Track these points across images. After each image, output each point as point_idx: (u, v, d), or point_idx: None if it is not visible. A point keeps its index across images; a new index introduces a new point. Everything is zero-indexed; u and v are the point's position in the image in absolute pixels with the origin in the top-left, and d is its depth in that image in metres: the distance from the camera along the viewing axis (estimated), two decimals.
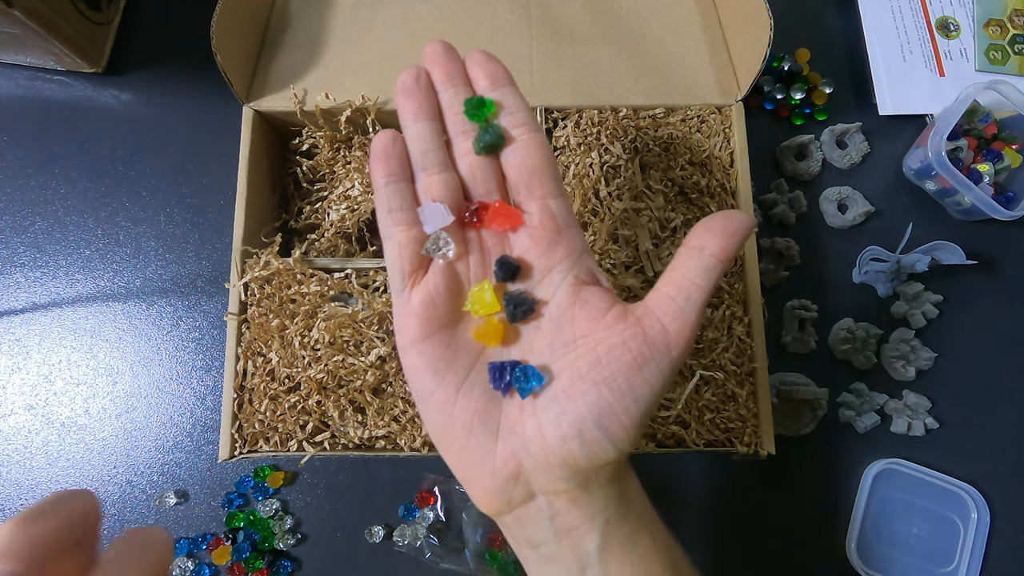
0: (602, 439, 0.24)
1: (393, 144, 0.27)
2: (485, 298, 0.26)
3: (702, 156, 0.45)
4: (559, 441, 0.24)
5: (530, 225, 0.27)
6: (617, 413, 0.24)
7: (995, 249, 0.53)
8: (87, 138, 0.54)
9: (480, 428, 0.26)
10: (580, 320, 0.26)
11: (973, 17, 0.58)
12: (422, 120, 0.28)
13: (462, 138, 0.28)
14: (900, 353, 0.50)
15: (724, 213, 0.26)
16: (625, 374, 0.24)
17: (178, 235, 0.52)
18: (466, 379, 0.26)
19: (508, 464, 0.25)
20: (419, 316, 0.26)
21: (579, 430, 0.24)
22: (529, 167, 0.27)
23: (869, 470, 0.48)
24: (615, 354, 0.25)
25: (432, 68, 0.28)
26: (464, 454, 0.26)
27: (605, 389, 0.24)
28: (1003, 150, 0.52)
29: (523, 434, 0.25)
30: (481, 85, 0.28)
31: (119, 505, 0.48)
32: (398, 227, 0.27)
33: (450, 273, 0.27)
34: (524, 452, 0.25)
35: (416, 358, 0.26)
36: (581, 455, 0.24)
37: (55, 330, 0.51)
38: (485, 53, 0.28)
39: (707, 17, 0.48)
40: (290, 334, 0.41)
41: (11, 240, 0.52)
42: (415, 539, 0.46)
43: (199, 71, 0.55)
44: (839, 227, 0.54)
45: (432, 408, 0.26)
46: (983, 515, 0.48)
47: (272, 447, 0.40)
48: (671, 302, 0.25)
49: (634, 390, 0.24)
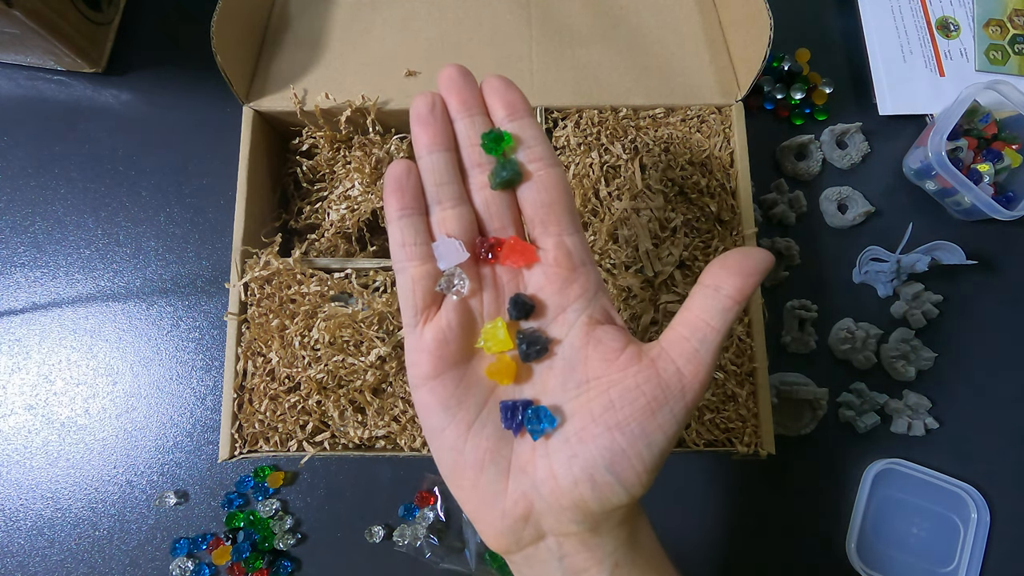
0: (614, 484, 0.24)
1: (407, 176, 0.27)
2: (498, 335, 0.26)
3: (702, 156, 0.45)
4: (570, 484, 0.24)
5: (545, 262, 0.27)
6: (630, 459, 0.24)
7: (995, 249, 0.53)
8: (87, 138, 0.54)
9: (491, 467, 0.25)
10: (593, 360, 0.26)
11: (973, 17, 0.58)
12: (437, 151, 0.27)
13: (478, 171, 0.27)
14: (900, 353, 0.50)
15: (741, 251, 0.25)
16: (639, 419, 0.24)
17: (178, 235, 0.52)
18: (478, 417, 0.26)
19: (519, 505, 0.25)
20: (431, 353, 0.26)
21: (591, 474, 0.24)
22: (546, 203, 0.26)
23: (869, 470, 0.48)
24: (628, 398, 0.24)
25: (448, 95, 0.27)
26: (475, 492, 0.26)
27: (618, 434, 0.24)
28: (1003, 150, 0.52)
29: (534, 475, 0.25)
30: (499, 115, 0.27)
31: (119, 505, 0.48)
32: (411, 262, 0.26)
33: (463, 309, 0.27)
34: (535, 493, 0.25)
35: (427, 395, 0.26)
36: (592, 499, 0.24)
37: (55, 330, 0.51)
38: (503, 80, 0.27)
39: (707, 17, 0.48)
40: (290, 334, 0.41)
41: (11, 240, 0.52)
42: (415, 539, 0.46)
43: (199, 71, 0.55)
44: (839, 227, 0.54)
45: (443, 445, 0.26)
46: (983, 515, 0.48)
47: (272, 447, 0.40)
48: (685, 343, 0.25)
49: (647, 435, 0.24)
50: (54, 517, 0.48)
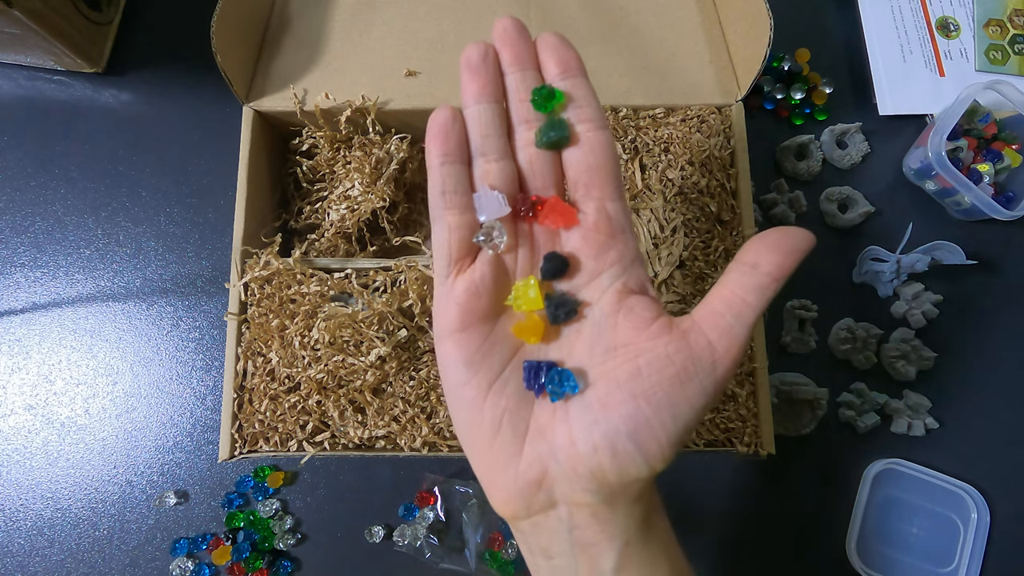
0: (635, 454, 0.23)
1: (452, 122, 0.26)
2: (529, 294, 0.25)
3: (702, 156, 0.45)
4: (589, 451, 0.23)
5: (584, 225, 0.26)
6: (654, 428, 0.23)
7: (995, 249, 0.53)
8: (87, 138, 0.54)
9: (508, 428, 0.25)
10: (623, 328, 0.25)
11: (973, 17, 0.58)
12: (485, 102, 0.26)
13: (525, 127, 0.26)
14: (900, 353, 0.50)
15: (782, 229, 0.24)
16: (666, 388, 0.23)
17: (178, 235, 0.52)
18: (500, 375, 0.25)
19: (533, 468, 0.25)
20: (461, 305, 0.25)
21: (612, 442, 0.23)
22: (591, 166, 0.26)
23: (869, 470, 0.48)
24: (657, 366, 0.24)
25: (501, 47, 0.26)
26: (489, 453, 0.25)
27: (643, 402, 0.23)
28: (1003, 150, 0.52)
29: (552, 439, 0.24)
30: (551, 72, 0.26)
31: (119, 505, 0.48)
32: (450, 210, 0.26)
33: (497, 264, 0.26)
34: (551, 458, 0.24)
35: (452, 347, 0.25)
36: (611, 468, 0.23)
37: (55, 330, 0.51)
38: (558, 37, 0.26)
39: (707, 17, 0.48)
40: (290, 334, 0.41)
41: (11, 240, 0.52)
42: (415, 539, 0.46)
43: (199, 71, 0.55)
44: (839, 227, 0.54)
45: (461, 400, 0.25)
46: (983, 515, 0.48)
47: (272, 447, 0.40)
48: (720, 318, 0.24)
49: (674, 406, 0.23)
50: (54, 517, 0.48)
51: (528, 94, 0.26)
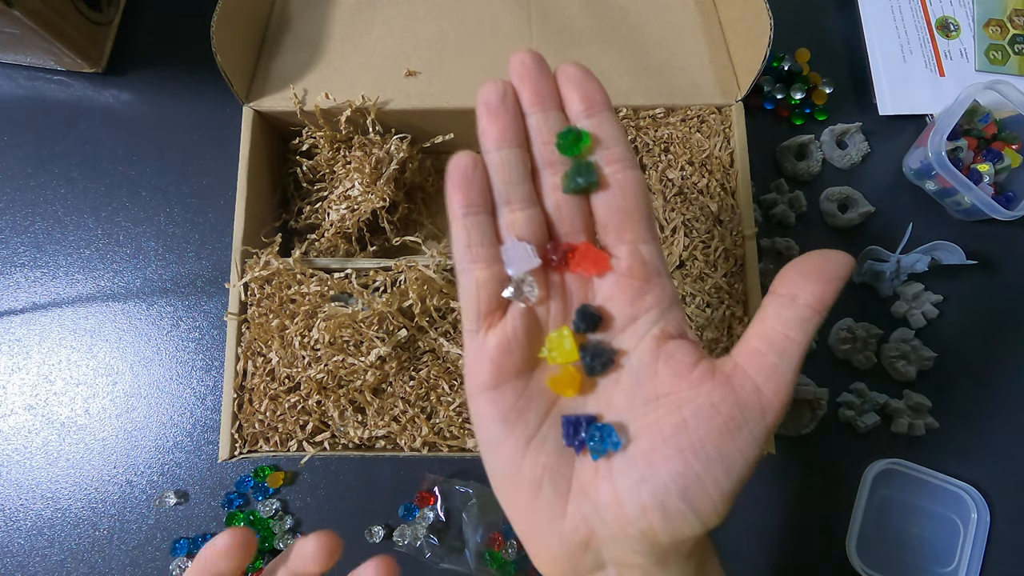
0: (687, 513, 0.22)
1: (474, 170, 0.24)
2: (564, 345, 0.24)
3: (702, 156, 0.45)
4: (638, 512, 0.22)
5: (618, 270, 0.25)
6: (705, 485, 0.22)
7: (995, 249, 0.53)
8: (87, 138, 0.54)
9: (549, 486, 0.23)
10: (664, 376, 0.24)
11: (973, 17, 0.58)
12: (507, 147, 0.24)
13: (550, 172, 0.25)
14: (900, 353, 0.50)
15: (819, 253, 0.23)
16: (715, 441, 0.22)
17: (178, 235, 0.52)
18: (538, 432, 0.24)
19: (579, 530, 0.23)
20: (494, 361, 0.24)
21: (662, 502, 0.22)
22: (622, 208, 0.24)
23: (869, 470, 0.48)
24: (703, 417, 0.22)
25: (520, 85, 0.25)
26: (530, 512, 0.24)
27: (692, 457, 0.22)
28: (1003, 150, 0.52)
29: (597, 499, 0.23)
30: (575, 109, 0.25)
31: (119, 505, 0.48)
32: (476, 264, 0.24)
33: (530, 317, 0.25)
34: (597, 519, 0.23)
35: (486, 405, 0.24)
36: (662, 529, 0.22)
37: (55, 330, 0.51)
38: (581, 69, 0.25)
39: (707, 17, 0.48)
40: (290, 334, 0.41)
41: (11, 240, 0.52)
42: (415, 539, 0.46)
43: (199, 71, 0.55)
44: (839, 227, 0.54)
45: (498, 459, 0.24)
46: (983, 515, 0.48)
47: (272, 447, 0.40)
48: (763, 358, 0.23)
49: (725, 459, 0.22)
50: (54, 517, 0.48)
51: (552, 136, 0.25)
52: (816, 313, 0.22)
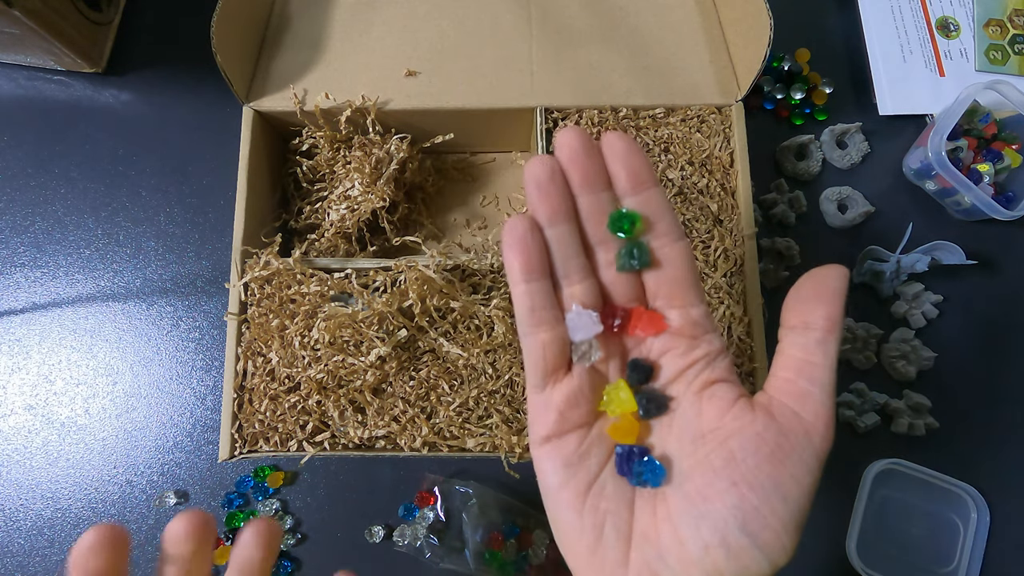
0: (751, 548, 0.22)
1: (531, 235, 0.25)
2: (621, 396, 0.25)
3: (702, 156, 0.45)
4: (701, 552, 0.22)
5: (670, 331, 0.26)
6: (764, 516, 0.22)
7: (995, 249, 0.53)
8: (87, 138, 0.54)
9: (611, 532, 0.24)
10: (708, 413, 0.24)
11: (973, 17, 0.58)
12: (560, 223, 0.25)
13: (603, 249, 0.26)
14: (900, 353, 0.50)
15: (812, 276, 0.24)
16: (765, 470, 0.22)
17: (178, 235, 0.52)
18: (597, 478, 0.25)
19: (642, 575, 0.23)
20: (560, 412, 0.25)
21: (723, 537, 0.22)
22: (672, 280, 0.26)
23: (869, 470, 0.48)
24: (750, 448, 0.23)
25: (569, 168, 0.25)
26: (593, 561, 0.24)
27: (746, 489, 0.22)
28: (1003, 150, 0.52)
29: (658, 542, 0.23)
30: (622, 185, 0.25)
31: (119, 505, 0.48)
32: (541, 327, 0.25)
33: (593, 374, 0.26)
34: (661, 563, 0.23)
35: (550, 451, 0.25)
36: (728, 568, 0.22)
37: (55, 330, 0.51)
38: (626, 143, 0.25)
39: (707, 17, 0.48)
40: (290, 334, 0.41)
41: (11, 240, 0.52)
42: (415, 539, 0.46)
43: (199, 71, 0.55)
44: (839, 227, 0.54)
45: (560, 504, 0.25)
46: (983, 515, 0.48)
47: (272, 447, 0.40)
48: (792, 385, 0.23)
49: (779, 488, 0.22)
50: (54, 517, 0.48)
51: (603, 217, 0.25)
52: (829, 333, 0.23)
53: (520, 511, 0.47)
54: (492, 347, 0.41)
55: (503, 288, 0.42)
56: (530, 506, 0.47)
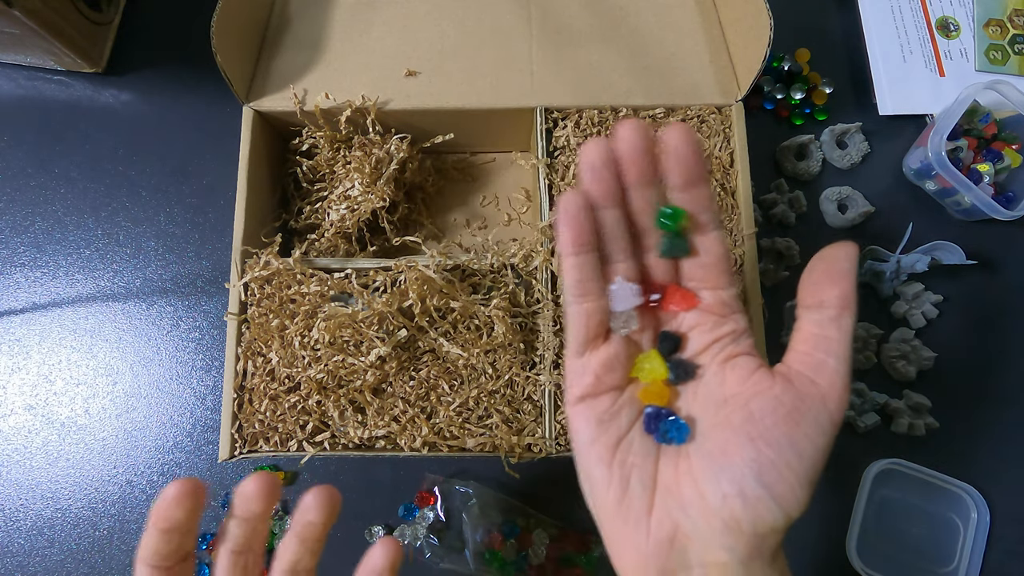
0: (766, 498, 0.23)
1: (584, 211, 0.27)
2: (653, 364, 0.27)
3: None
4: (719, 502, 0.24)
5: (701, 307, 0.28)
6: (779, 469, 0.24)
7: (995, 249, 0.53)
8: (87, 138, 0.54)
9: (637, 484, 0.26)
10: (730, 381, 0.26)
11: (973, 17, 0.58)
12: (609, 208, 0.27)
13: (647, 234, 0.28)
14: (900, 353, 0.50)
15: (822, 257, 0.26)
16: (782, 428, 0.24)
17: (178, 235, 0.52)
18: (626, 435, 0.27)
19: (665, 525, 0.25)
20: (597, 375, 0.27)
21: (740, 488, 0.24)
22: (706, 266, 0.27)
23: (869, 470, 0.48)
24: (768, 408, 0.24)
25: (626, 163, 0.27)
26: (619, 511, 0.26)
27: (763, 445, 0.24)
28: (1003, 150, 0.52)
29: (680, 495, 0.25)
30: (674, 181, 0.27)
31: (119, 505, 0.48)
32: (586, 297, 0.27)
33: (628, 343, 0.28)
34: (682, 513, 0.25)
35: (584, 409, 0.27)
36: (744, 517, 0.24)
37: (55, 330, 0.51)
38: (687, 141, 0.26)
39: (707, 17, 0.48)
40: (290, 334, 0.41)
41: (11, 240, 0.52)
42: (415, 539, 0.46)
43: (199, 71, 0.55)
44: (839, 227, 0.54)
45: (591, 458, 0.27)
46: (983, 515, 0.48)
47: (272, 447, 0.40)
48: (809, 357, 0.25)
49: (794, 445, 0.24)
50: (54, 517, 0.48)
51: (650, 208, 0.27)
52: (842, 309, 0.25)
53: (520, 511, 0.47)
54: (492, 347, 0.41)
55: (503, 288, 0.42)
56: (530, 506, 0.47)
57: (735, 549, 0.24)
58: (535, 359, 0.42)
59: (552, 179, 0.44)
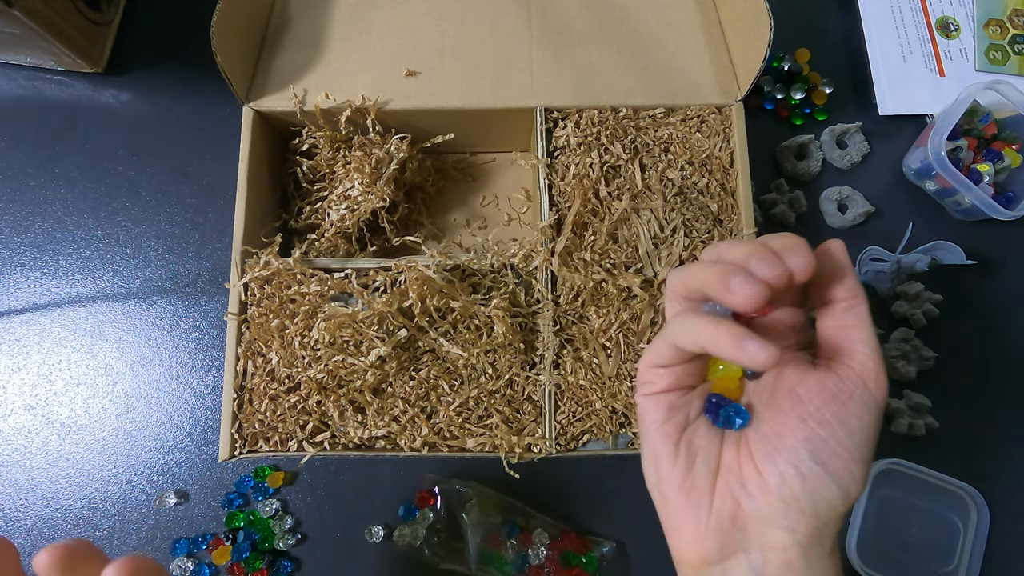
0: (823, 475, 0.25)
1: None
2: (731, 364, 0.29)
3: (702, 156, 0.45)
4: (778, 481, 0.25)
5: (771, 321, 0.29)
6: (832, 446, 0.25)
7: (995, 249, 0.53)
8: (87, 138, 0.54)
9: (702, 464, 0.27)
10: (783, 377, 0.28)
11: (973, 17, 0.58)
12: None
13: None
14: (900, 353, 0.50)
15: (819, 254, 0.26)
16: (831, 407, 0.25)
17: (178, 235, 0.52)
18: (694, 421, 0.28)
19: (727, 502, 0.26)
20: (677, 377, 0.29)
21: (796, 467, 0.25)
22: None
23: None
24: (814, 391, 0.26)
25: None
26: (681, 489, 0.27)
27: (814, 424, 0.25)
28: (1003, 150, 0.52)
29: (741, 475, 0.26)
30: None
31: (119, 505, 0.48)
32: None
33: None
34: (743, 492, 0.26)
35: (658, 398, 0.29)
36: (803, 494, 0.25)
37: (55, 330, 0.51)
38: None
39: (707, 17, 0.48)
40: (290, 334, 0.41)
41: (11, 240, 0.52)
42: (415, 539, 0.46)
43: (199, 71, 0.55)
44: (839, 227, 0.54)
45: (660, 436, 0.28)
46: (983, 515, 0.48)
47: (272, 447, 0.40)
48: (838, 346, 0.26)
49: (844, 423, 0.25)
50: (54, 517, 0.48)
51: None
52: (852, 299, 0.26)
53: (520, 511, 0.47)
54: (492, 347, 0.41)
55: (503, 288, 0.42)
56: (530, 506, 0.47)
57: (795, 530, 0.25)
58: (535, 359, 0.42)
59: (552, 179, 0.44)
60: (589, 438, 0.41)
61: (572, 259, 0.43)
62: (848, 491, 0.25)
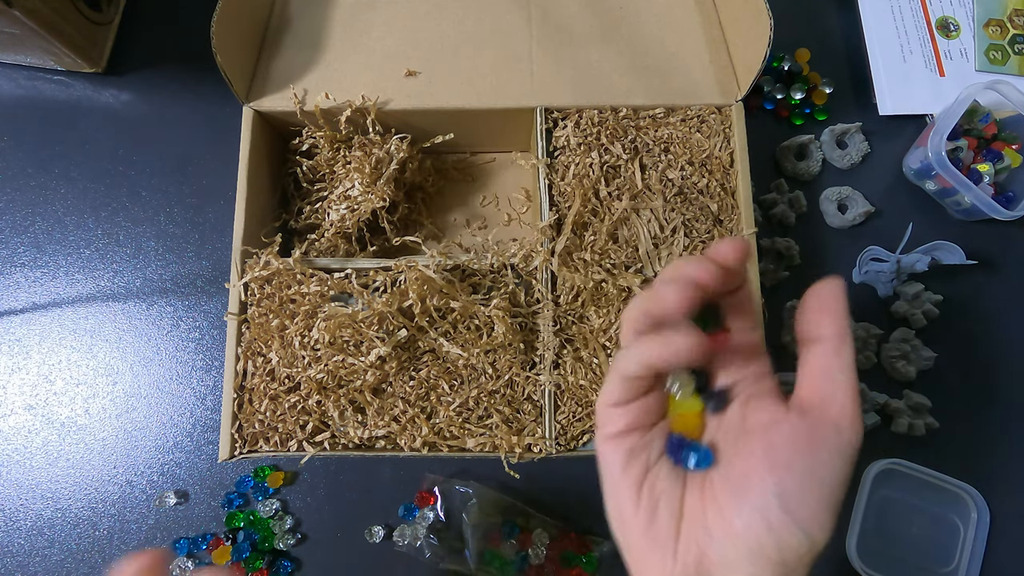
0: (790, 524, 0.24)
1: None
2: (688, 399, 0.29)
3: (702, 156, 0.45)
4: (744, 528, 0.25)
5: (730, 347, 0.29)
6: (801, 495, 0.24)
7: (995, 249, 0.53)
8: (87, 138, 0.54)
9: (665, 511, 0.27)
10: (751, 415, 0.27)
11: (973, 17, 0.58)
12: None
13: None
14: (900, 353, 0.50)
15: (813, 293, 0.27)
16: (801, 455, 0.25)
17: (178, 235, 0.52)
18: (655, 464, 0.28)
19: (691, 550, 0.26)
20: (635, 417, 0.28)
21: (763, 515, 0.24)
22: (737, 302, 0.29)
23: (869, 470, 0.48)
24: (787, 438, 0.25)
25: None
26: (647, 536, 0.27)
27: (784, 472, 0.25)
28: (1003, 150, 0.52)
29: (705, 520, 0.26)
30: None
31: (119, 505, 0.48)
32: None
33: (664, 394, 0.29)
34: (708, 540, 0.25)
35: (617, 444, 0.28)
36: (769, 542, 0.24)
37: (55, 330, 0.51)
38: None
39: (707, 17, 0.48)
40: (290, 334, 0.41)
41: (11, 240, 0.52)
42: (415, 539, 0.46)
43: (199, 71, 0.55)
44: (839, 227, 0.54)
45: (621, 486, 0.28)
46: (983, 515, 0.48)
47: (272, 447, 0.40)
48: (817, 389, 0.26)
49: (814, 472, 0.24)
50: (54, 517, 0.48)
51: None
52: (841, 341, 0.26)
53: (520, 511, 0.47)
54: (492, 347, 0.41)
55: (503, 288, 0.42)
56: (530, 506, 0.47)
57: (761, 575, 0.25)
58: (535, 359, 0.42)
59: (552, 179, 0.44)
60: (589, 438, 0.41)
61: (572, 259, 0.43)
62: (815, 539, 0.24)
